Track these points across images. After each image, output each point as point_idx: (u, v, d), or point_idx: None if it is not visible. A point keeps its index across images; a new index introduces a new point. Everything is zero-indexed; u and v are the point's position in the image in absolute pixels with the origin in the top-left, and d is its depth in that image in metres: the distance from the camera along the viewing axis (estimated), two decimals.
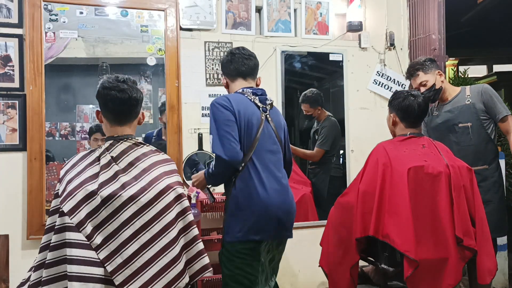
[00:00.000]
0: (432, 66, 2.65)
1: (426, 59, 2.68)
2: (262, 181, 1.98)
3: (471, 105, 2.59)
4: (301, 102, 3.49)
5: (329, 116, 3.54)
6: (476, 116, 2.57)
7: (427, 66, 2.65)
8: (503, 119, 2.55)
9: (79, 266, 1.51)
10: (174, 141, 3.03)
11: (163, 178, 1.64)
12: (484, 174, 2.55)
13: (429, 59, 2.69)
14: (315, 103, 3.50)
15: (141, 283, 1.55)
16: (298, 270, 3.32)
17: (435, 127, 2.70)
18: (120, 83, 1.68)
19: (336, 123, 3.54)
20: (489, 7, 5.08)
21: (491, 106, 2.56)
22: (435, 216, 2.07)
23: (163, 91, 3.07)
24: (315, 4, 3.41)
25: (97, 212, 1.56)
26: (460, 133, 2.59)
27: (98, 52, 2.98)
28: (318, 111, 3.52)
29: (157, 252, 1.58)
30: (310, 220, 3.39)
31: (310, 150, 3.56)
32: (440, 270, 2.04)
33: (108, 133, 1.74)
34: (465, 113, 2.58)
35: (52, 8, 2.81)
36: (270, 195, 1.99)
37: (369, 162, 2.25)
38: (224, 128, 1.94)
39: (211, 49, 3.16)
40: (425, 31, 3.46)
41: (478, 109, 2.57)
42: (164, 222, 1.60)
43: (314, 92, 3.51)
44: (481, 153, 2.57)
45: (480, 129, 2.57)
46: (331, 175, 3.57)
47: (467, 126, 2.57)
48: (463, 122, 2.58)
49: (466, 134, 2.57)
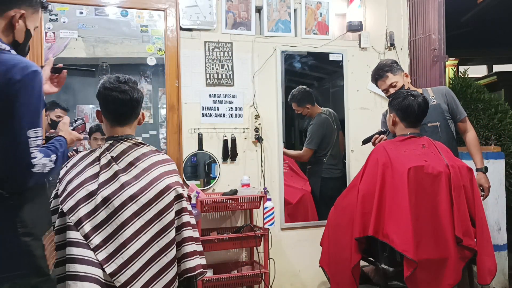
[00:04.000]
0: (398, 68, 2.74)
1: (392, 61, 2.77)
2: None
3: (437, 105, 2.67)
4: (289, 102, 3.46)
5: (320, 114, 3.51)
6: (443, 115, 2.67)
7: (394, 67, 2.72)
8: (463, 119, 2.74)
9: (79, 266, 1.51)
10: (174, 141, 3.04)
11: (163, 178, 1.64)
12: None
13: (395, 61, 2.78)
14: (302, 102, 3.49)
15: (141, 283, 1.55)
16: (298, 270, 3.32)
17: None
18: (122, 84, 1.68)
19: (327, 120, 3.51)
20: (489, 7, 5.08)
21: (454, 107, 2.71)
22: (435, 216, 2.07)
23: (163, 91, 3.07)
24: (315, 4, 3.41)
25: (96, 211, 1.55)
26: (430, 132, 2.62)
27: (98, 52, 2.98)
28: (307, 109, 3.51)
29: (157, 252, 1.58)
30: (310, 220, 3.39)
31: (297, 151, 3.54)
32: (440, 270, 2.05)
33: (108, 133, 1.74)
34: (432, 113, 2.61)
35: (52, 8, 2.81)
36: None
37: (369, 162, 2.26)
38: None
39: (211, 49, 3.16)
40: (425, 31, 3.46)
41: (443, 109, 2.68)
42: (164, 222, 1.60)
43: (301, 90, 3.49)
44: (451, 150, 2.61)
45: (447, 128, 2.67)
46: (323, 176, 3.50)
47: (436, 125, 2.65)
48: (432, 121, 2.63)
49: (436, 133, 2.62)
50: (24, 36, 1.46)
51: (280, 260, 3.21)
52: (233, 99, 3.21)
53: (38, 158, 1.33)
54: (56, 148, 1.48)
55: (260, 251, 3.04)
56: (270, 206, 2.90)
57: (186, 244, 1.65)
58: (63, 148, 1.52)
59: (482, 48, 6.71)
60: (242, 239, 2.92)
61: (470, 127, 2.77)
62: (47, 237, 1.42)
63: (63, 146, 1.52)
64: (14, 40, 1.44)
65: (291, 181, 3.41)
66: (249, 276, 2.94)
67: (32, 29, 1.48)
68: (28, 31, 1.46)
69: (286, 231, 3.30)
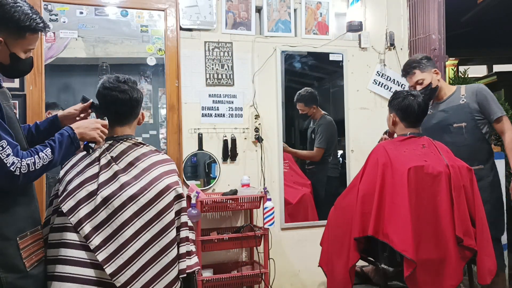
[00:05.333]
0: (428, 64, 2.63)
1: (423, 57, 2.66)
2: None
3: (466, 105, 2.57)
4: (296, 102, 3.48)
5: (324, 115, 3.54)
6: (471, 116, 2.55)
7: (423, 64, 2.62)
8: (497, 119, 2.53)
9: (73, 267, 1.52)
10: (174, 141, 3.04)
11: (163, 178, 1.64)
12: (479, 174, 2.53)
13: (425, 57, 2.66)
14: (309, 102, 3.51)
15: (141, 283, 1.55)
16: (298, 270, 3.32)
17: (430, 127, 2.68)
18: (121, 84, 1.69)
19: (332, 121, 3.54)
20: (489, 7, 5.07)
21: (486, 106, 2.54)
22: (435, 216, 2.07)
23: (163, 91, 3.07)
24: (315, 4, 3.41)
25: (96, 212, 1.56)
26: (454, 133, 2.57)
27: (98, 52, 2.98)
28: (313, 109, 3.52)
29: (158, 252, 1.58)
30: (310, 220, 3.39)
31: (309, 151, 3.56)
32: (440, 270, 2.04)
33: (108, 133, 1.74)
34: (459, 113, 2.57)
35: (52, 8, 2.81)
36: None
37: (369, 162, 2.25)
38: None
39: (211, 49, 3.16)
40: (425, 31, 3.46)
41: (472, 109, 2.55)
42: (164, 222, 1.60)
43: (309, 91, 3.51)
44: (475, 153, 2.56)
45: (474, 129, 2.55)
46: (328, 175, 3.56)
47: (461, 126, 2.56)
48: (457, 122, 2.57)
49: (461, 135, 2.56)
50: (10, 59, 1.48)
51: (280, 260, 3.21)
52: (233, 99, 3.21)
53: (16, 163, 1.37)
54: (53, 140, 1.50)
55: (260, 251, 3.04)
56: (270, 206, 2.90)
57: (183, 244, 1.66)
58: (63, 138, 1.52)
59: (482, 48, 6.71)
60: (242, 239, 2.92)
61: (508, 127, 2.52)
62: (27, 237, 1.47)
63: (63, 135, 1.52)
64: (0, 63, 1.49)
65: (291, 181, 3.41)
66: (249, 276, 2.94)
67: (19, 52, 1.49)
68: (14, 54, 1.48)
69: (286, 231, 3.30)
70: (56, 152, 1.47)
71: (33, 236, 1.51)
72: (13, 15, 1.43)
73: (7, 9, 1.42)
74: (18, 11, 1.44)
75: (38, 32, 1.52)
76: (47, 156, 1.44)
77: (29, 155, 1.42)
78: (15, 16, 1.43)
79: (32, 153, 1.43)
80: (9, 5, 1.43)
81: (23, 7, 1.46)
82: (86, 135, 1.58)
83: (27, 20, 1.45)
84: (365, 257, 2.29)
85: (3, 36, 1.44)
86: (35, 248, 1.51)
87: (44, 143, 1.49)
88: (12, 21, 1.43)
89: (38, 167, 1.42)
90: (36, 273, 1.48)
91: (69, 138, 1.52)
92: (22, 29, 1.46)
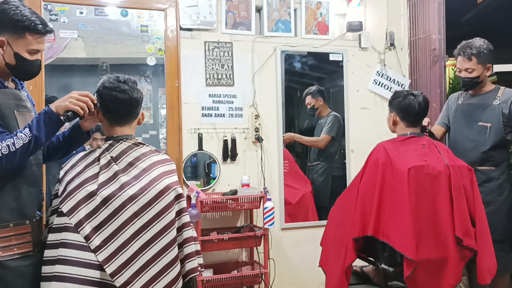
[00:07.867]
0: (488, 58, 2.54)
1: (486, 48, 2.54)
2: None
3: (497, 107, 2.53)
4: (304, 97, 3.56)
5: (332, 112, 3.59)
6: (498, 118, 2.51)
7: (483, 57, 2.53)
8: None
9: (73, 267, 1.51)
10: (174, 141, 3.04)
11: (163, 178, 1.64)
12: (489, 175, 2.52)
13: (488, 49, 2.55)
14: (315, 94, 3.57)
15: (141, 283, 1.55)
16: (298, 270, 3.32)
17: (456, 118, 2.65)
18: (121, 84, 1.68)
19: (340, 118, 3.57)
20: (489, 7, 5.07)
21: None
22: (435, 216, 2.06)
23: (163, 91, 3.07)
24: (315, 4, 3.41)
25: (96, 212, 1.55)
26: (477, 131, 2.54)
27: (98, 52, 2.98)
28: (319, 101, 3.56)
29: (157, 252, 1.58)
30: (310, 220, 3.39)
31: (315, 137, 3.61)
32: (440, 270, 2.04)
33: (108, 133, 1.73)
34: (488, 113, 2.53)
35: (52, 8, 2.81)
36: None
37: (369, 162, 2.25)
38: None
39: (211, 49, 3.16)
40: (425, 31, 3.46)
41: (502, 113, 2.51)
42: (164, 222, 1.59)
43: (316, 86, 3.60)
44: (492, 155, 2.53)
45: (498, 132, 2.51)
46: (333, 174, 3.59)
47: (486, 126, 2.52)
48: (483, 121, 2.53)
49: (483, 134, 2.53)
50: (15, 59, 1.58)
51: (280, 260, 3.21)
52: (233, 99, 3.21)
53: None
54: (31, 123, 1.55)
55: (260, 251, 3.04)
56: (270, 206, 2.90)
57: (188, 244, 1.66)
58: (39, 116, 1.57)
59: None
60: (242, 239, 2.92)
61: None
62: (9, 228, 1.53)
63: (40, 114, 1.58)
64: (6, 63, 1.59)
65: (291, 181, 3.42)
66: (249, 276, 2.94)
67: (22, 52, 1.59)
68: (17, 54, 1.58)
69: (286, 231, 3.30)
70: (34, 129, 1.53)
71: (18, 229, 1.56)
72: (12, 16, 1.56)
73: (8, 12, 1.57)
74: (17, 14, 1.57)
75: (38, 33, 1.60)
76: (26, 135, 1.51)
77: (9, 137, 1.50)
78: (14, 17, 1.57)
79: (12, 136, 1.51)
80: (11, 9, 1.57)
81: (23, 11, 1.58)
82: (59, 108, 1.60)
83: (25, 20, 1.57)
84: (365, 257, 2.29)
85: (6, 37, 1.57)
86: (18, 241, 1.55)
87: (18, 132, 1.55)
88: (12, 21, 1.56)
89: (18, 146, 1.49)
90: (14, 266, 1.52)
91: (45, 114, 1.57)
92: (21, 29, 1.57)
